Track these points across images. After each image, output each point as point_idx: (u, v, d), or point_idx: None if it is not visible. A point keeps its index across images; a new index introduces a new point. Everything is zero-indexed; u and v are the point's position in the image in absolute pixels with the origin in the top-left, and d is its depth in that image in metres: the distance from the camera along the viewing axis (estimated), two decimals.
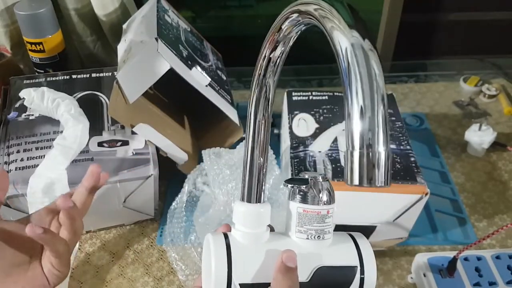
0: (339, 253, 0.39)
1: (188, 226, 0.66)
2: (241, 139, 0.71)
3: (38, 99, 0.67)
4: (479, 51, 1.07)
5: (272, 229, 0.42)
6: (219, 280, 0.36)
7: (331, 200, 0.39)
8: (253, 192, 0.40)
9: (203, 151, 0.66)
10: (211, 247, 0.38)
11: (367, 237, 0.62)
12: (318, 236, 0.39)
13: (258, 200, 0.40)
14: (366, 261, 0.39)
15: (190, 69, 0.65)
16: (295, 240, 0.40)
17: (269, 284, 0.37)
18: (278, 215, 0.57)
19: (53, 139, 0.62)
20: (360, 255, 0.39)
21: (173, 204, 0.67)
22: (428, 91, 0.94)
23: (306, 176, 0.39)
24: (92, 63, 0.94)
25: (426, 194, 0.56)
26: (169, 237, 0.65)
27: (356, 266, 0.39)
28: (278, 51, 0.39)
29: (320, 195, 0.38)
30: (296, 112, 0.67)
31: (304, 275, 0.38)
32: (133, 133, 0.67)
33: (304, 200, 0.39)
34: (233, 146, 0.70)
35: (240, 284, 0.37)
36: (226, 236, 0.39)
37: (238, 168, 0.62)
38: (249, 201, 0.40)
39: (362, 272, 0.38)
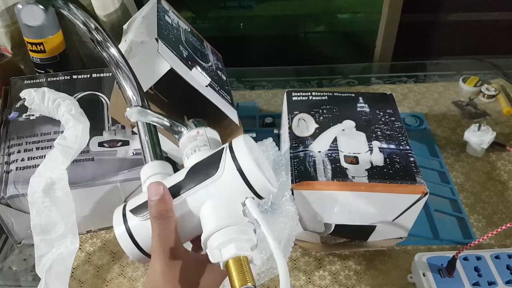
0: (211, 152, 0.43)
1: None
2: None
3: (38, 99, 0.67)
4: (479, 51, 1.07)
5: None
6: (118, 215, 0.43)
7: (197, 125, 0.47)
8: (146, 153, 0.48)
9: None
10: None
11: (367, 237, 0.63)
12: (194, 151, 0.44)
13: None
14: (236, 143, 0.41)
15: (190, 69, 0.65)
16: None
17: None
18: (279, 221, 0.58)
19: (54, 139, 0.62)
20: (230, 143, 0.42)
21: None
22: (427, 91, 0.95)
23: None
24: (92, 64, 0.95)
25: (426, 194, 0.56)
26: None
27: (224, 147, 0.42)
28: None
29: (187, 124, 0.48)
30: (296, 112, 0.67)
31: (181, 176, 0.42)
32: (133, 133, 0.67)
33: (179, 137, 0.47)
34: None
35: (129, 210, 0.43)
36: None
37: None
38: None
39: (231, 149, 0.41)
